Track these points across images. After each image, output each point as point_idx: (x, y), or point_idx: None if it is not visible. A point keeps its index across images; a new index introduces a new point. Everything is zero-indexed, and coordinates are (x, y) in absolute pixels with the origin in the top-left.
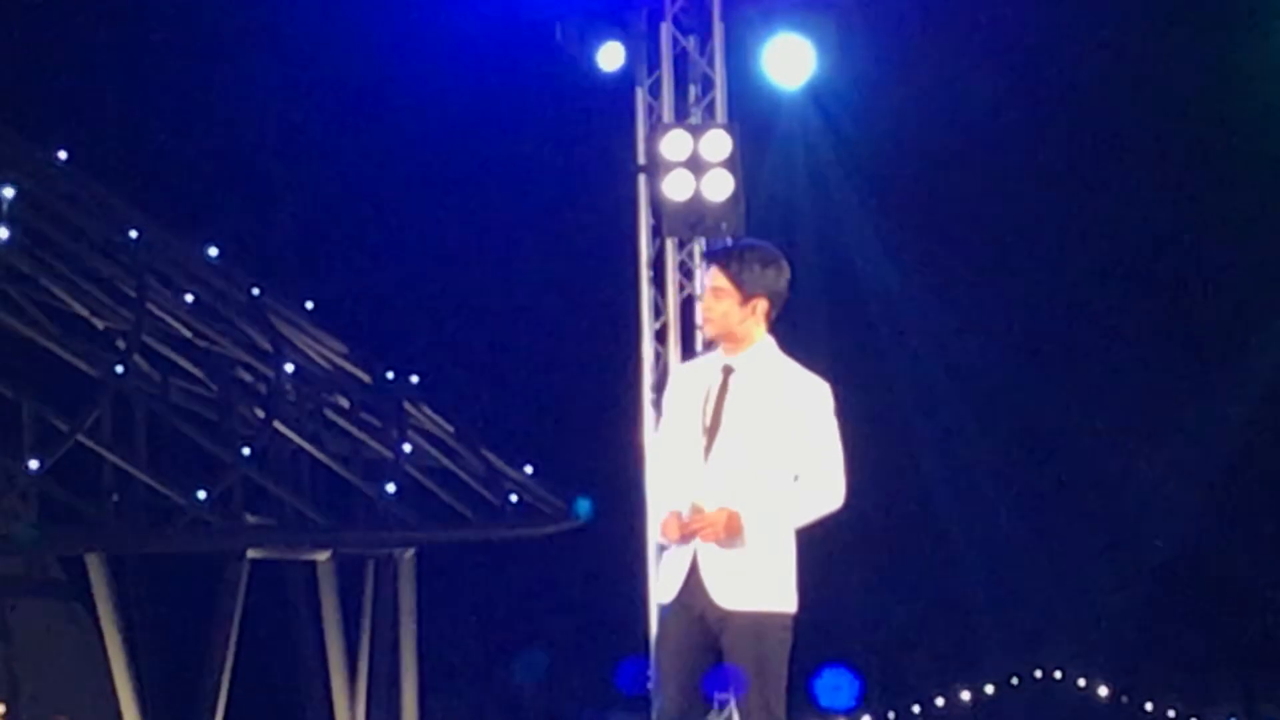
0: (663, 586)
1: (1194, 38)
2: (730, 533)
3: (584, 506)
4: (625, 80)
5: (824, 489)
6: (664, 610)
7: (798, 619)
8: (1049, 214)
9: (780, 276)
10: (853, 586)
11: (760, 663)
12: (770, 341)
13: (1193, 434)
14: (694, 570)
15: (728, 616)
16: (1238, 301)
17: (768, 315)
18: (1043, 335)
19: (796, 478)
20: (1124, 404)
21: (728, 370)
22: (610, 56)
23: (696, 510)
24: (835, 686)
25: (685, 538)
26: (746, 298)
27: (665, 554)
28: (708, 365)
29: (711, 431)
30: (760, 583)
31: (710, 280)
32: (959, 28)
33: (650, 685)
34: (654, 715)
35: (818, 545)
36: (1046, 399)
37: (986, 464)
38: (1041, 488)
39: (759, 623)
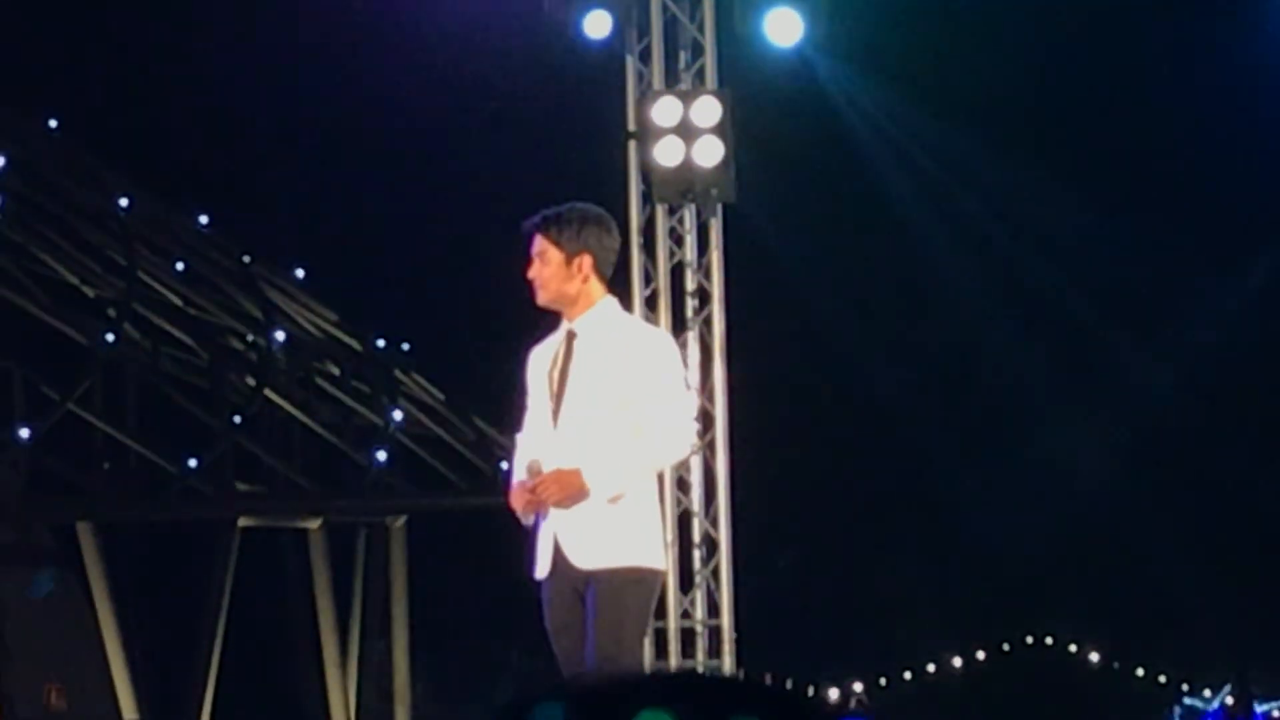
0: (538, 563)
1: None
2: (567, 489)
3: None
4: (615, 46)
5: (664, 438)
6: (541, 588)
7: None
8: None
9: (603, 233)
10: (844, 553)
11: (616, 614)
12: (611, 302)
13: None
14: (557, 544)
15: (590, 577)
16: None
17: (597, 271)
18: (1041, 298)
19: (639, 431)
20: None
21: (570, 335)
22: (597, 24)
23: (534, 473)
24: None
25: (530, 505)
26: (570, 256)
27: (537, 532)
28: (554, 337)
29: (558, 397)
30: (615, 539)
31: (535, 248)
32: None
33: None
34: None
35: (810, 514)
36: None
37: (981, 430)
38: (1034, 452)
39: (616, 577)
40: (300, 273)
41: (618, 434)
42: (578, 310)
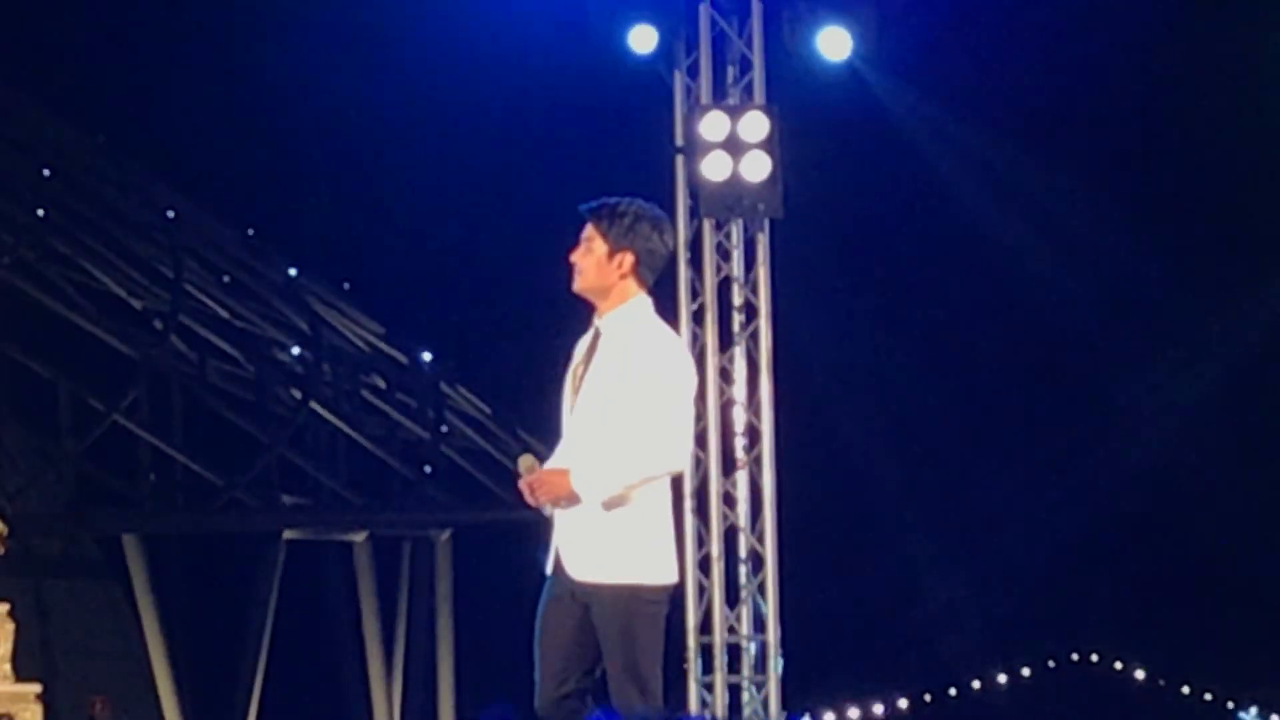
0: (548, 559)
1: None
2: (552, 490)
3: None
4: (663, 62)
5: (652, 446)
6: (545, 584)
7: (675, 592)
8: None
9: (654, 234)
10: (888, 569)
11: (626, 636)
12: (644, 302)
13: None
14: (558, 547)
15: (591, 591)
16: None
17: (636, 271)
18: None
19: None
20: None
21: (596, 333)
22: (642, 39)
23: (527, 469)
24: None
25: (533, 501)
26: (614, 250)
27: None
28: (589, 332)
29: (575, 396)
30: (617, 554)
31: (584, 233)
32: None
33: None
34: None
35: (853, 527)
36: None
37: (1026, 447)
38: (1078, 470)
39: (620, 595)
40: (346, 286)
41: (612, 437)
42: (608, 306)
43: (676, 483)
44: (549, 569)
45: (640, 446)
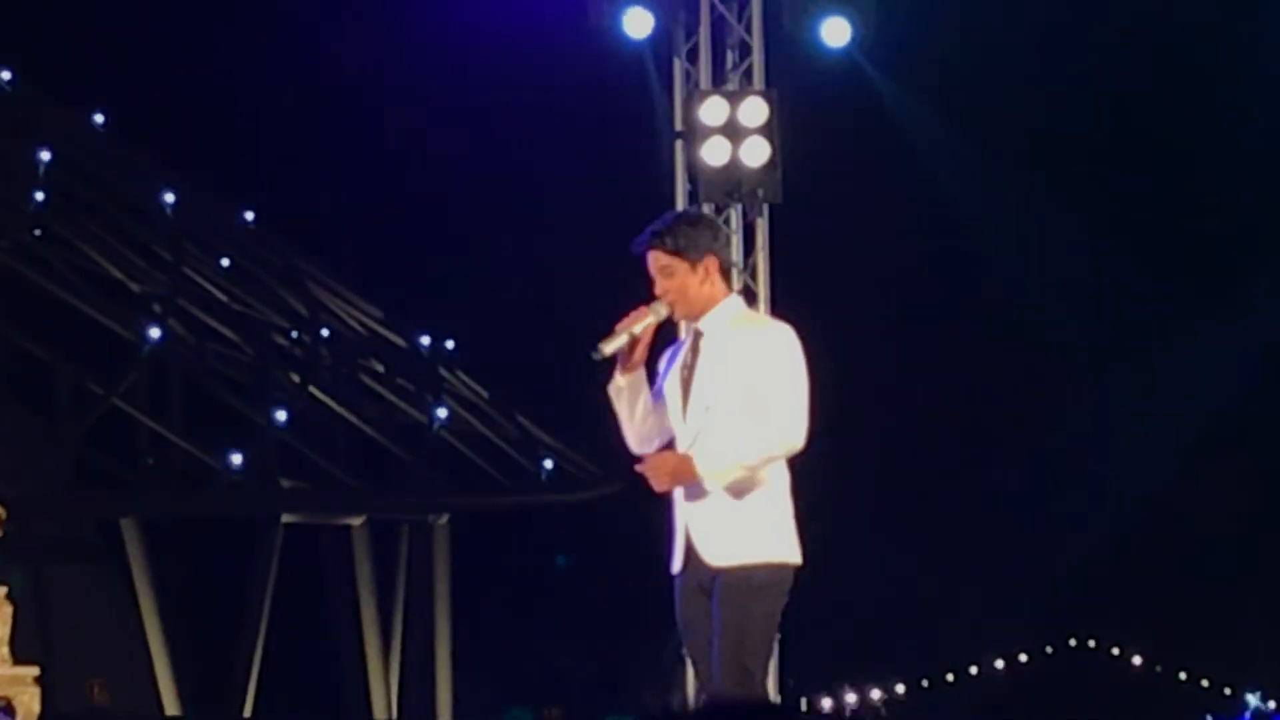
0: (674, 557)
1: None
2: (679, 476)
3: None
4: (657, 47)
5: (772, 429)
6: (674, 582)
7: (799, 574)
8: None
9: (717, 232)
10: (888, 556)
11: (740, 613)
12: (736, 300)
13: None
14: (688, 540)
15: (718, 574)
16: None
17: (723, 272)
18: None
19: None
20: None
21: (697, 335)
22: (637, 22)
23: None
24: None
25: (657, 486)
26: (694, 263)
27: (673, 526)
28: (685, 339)
29: (686, 394)
30: (742, 535)
31: (653, 266)
32: None
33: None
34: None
35: (852, 515)
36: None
37: (1022, 435)
38: (1075, 460)
39: (743, 575)
40: (346, 270)
41: (737, 425)
42: (706, 310)
43: None
44: (677, 566)
45: (758, 429)
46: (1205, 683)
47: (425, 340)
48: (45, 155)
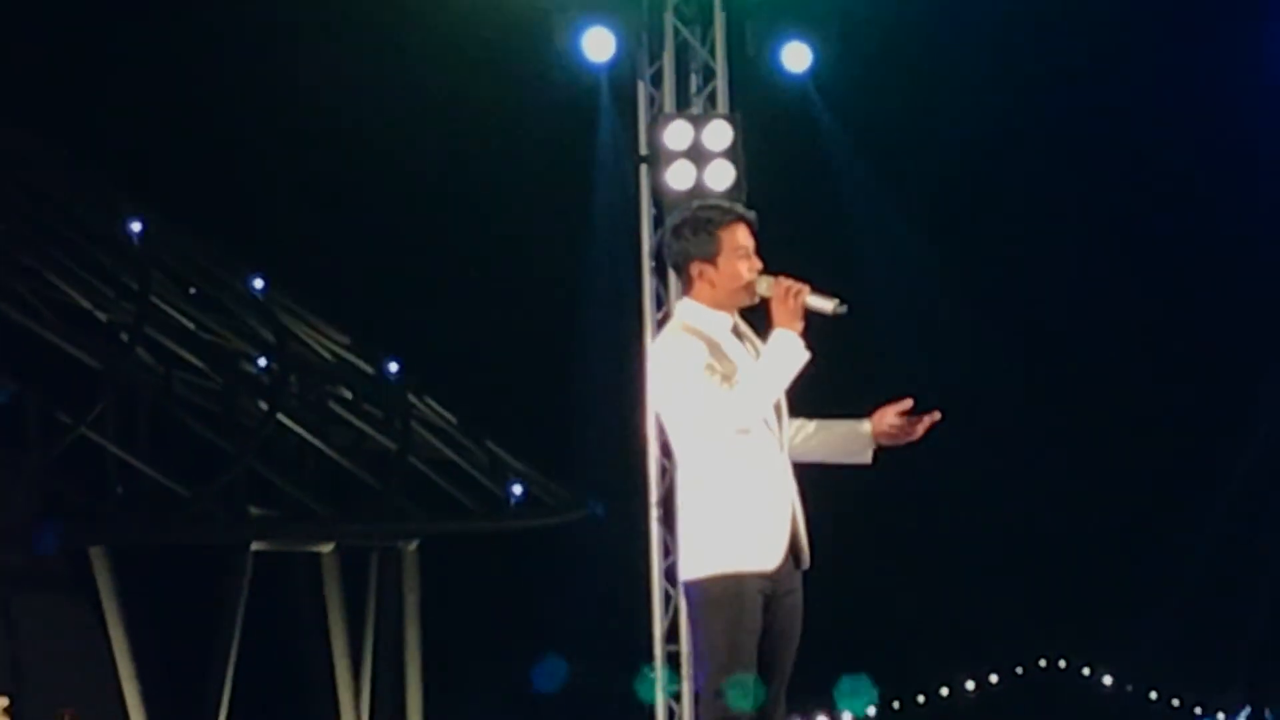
0: (770, 553)
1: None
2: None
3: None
4: (626, 70)
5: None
6: (752, 586)
7: (736, 581)
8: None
9: None
10: (858, 577)
11: (694, 632)
12: None
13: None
14: (791, 536)
15: (800, 577)
16: None
17: None
18: (1058, 325)
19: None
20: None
21: (734, 323)
22: (598, 45)
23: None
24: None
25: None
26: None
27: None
28: (718, 325)
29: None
30: (685, 550)
31: (749, 242)
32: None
33: None
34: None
35: (823, 535)
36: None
37: (994, 455)
38: (1051, 477)
39: (687, 593)
40: (312, 297)
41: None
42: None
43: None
44: (774, 564)
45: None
46: (1176, 703)
47: (393, 366)
48: (7, 183)
